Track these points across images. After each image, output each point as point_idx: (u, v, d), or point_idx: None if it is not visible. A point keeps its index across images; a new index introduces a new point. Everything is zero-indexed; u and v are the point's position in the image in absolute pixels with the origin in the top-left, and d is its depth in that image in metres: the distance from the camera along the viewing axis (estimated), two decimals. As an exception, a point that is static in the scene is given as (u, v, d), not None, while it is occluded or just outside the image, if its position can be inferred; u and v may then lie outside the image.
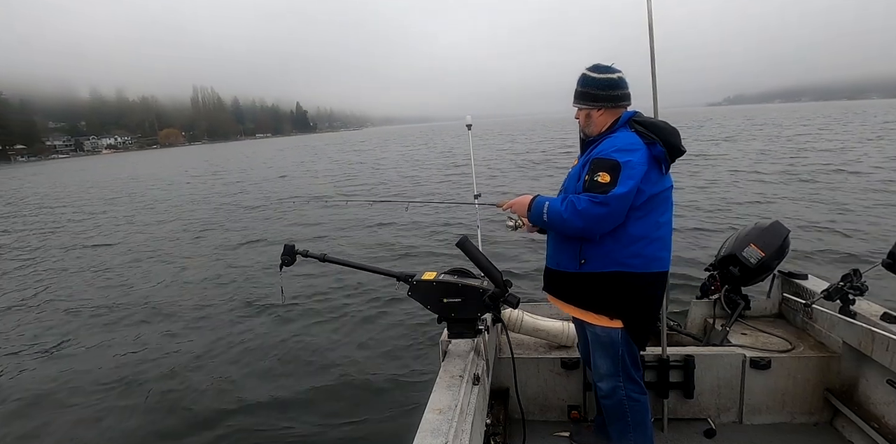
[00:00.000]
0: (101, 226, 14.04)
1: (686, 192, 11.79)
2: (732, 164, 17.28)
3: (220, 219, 13.52)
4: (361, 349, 4.95)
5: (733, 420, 2.45)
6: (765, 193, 11.53)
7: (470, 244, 1.88)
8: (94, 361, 5.15)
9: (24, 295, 7.74)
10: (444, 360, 1.89)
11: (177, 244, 10.68)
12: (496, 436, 2.24)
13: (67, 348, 5.53)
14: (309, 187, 19.45)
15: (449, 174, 20.16)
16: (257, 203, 15.91)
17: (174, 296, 7.07)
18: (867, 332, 2.18)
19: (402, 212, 11.23)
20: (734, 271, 2.73)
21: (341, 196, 16.09)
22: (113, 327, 6.05)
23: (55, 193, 26.81)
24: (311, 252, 2.03)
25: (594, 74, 1.91)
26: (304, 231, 10.97)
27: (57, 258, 10.31)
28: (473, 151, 3.16)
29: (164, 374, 4.73)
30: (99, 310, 6.69)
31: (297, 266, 2.12)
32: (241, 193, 19.26)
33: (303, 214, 13.09)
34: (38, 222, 15.93)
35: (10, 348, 5.61)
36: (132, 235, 12.23)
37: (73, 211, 18.00)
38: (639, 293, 1.90)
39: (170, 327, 5.92)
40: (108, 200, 21.00)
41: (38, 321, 6.50)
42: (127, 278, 8.17)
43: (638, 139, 1.80)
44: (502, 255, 7.48)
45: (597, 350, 2.02)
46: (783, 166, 15.84)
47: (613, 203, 1.72)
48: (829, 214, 9.03)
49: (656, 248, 1.86)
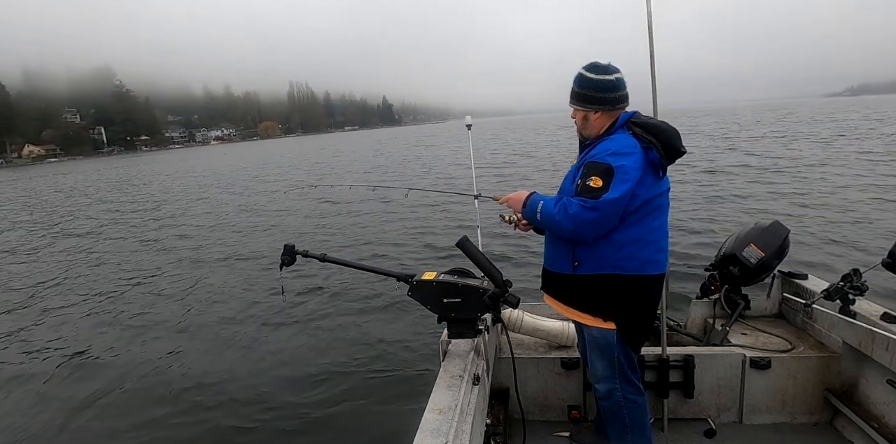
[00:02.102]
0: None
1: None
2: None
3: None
4: (361, 349, 4.96)
5: (733, 420, 2.45)
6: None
7: (470, 244, 1.88)
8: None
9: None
10: (444, 360, 1.89)
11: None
12: (496, 436, 2.24)
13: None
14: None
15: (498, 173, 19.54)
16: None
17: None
18: (867, 332, 2.17)
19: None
20: (734, 270, 2.72)
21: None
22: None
23: (213, 171, 34.04)
24: (311, 252, 2.03)
25: (591, 75, 1.86)
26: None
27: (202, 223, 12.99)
28: (473, 150, 3.15)
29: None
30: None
31: (297, 267, 2.12)
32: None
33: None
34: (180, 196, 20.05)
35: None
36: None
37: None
38: (633, 296, 1.88)
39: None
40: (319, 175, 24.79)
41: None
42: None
43: (635, 142, 1.77)
44: (502, 255, 7.48)
45: (593, 352, 2.02)
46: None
47: (604, 208, 1.70)
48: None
49: (651, 251, 1.84)
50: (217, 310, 6.37)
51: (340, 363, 4.70)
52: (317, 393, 4.22)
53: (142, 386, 4.55)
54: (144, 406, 4.21)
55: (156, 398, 4.32)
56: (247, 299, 6.66)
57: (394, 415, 3.75)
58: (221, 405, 4.14)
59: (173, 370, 4.83)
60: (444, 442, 1.36)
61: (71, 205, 20.46)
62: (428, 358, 4.52)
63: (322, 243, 9.66)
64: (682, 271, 5.95)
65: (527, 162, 22.36)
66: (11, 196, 28.00)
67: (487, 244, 7.16)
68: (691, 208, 10.06)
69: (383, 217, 11.69)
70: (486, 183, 15.36)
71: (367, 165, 28.52)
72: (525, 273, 6.54)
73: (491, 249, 7.56)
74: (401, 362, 4.65)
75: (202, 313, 6.32)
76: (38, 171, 64.77)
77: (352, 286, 6.72)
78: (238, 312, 6.24)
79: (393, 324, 5.46)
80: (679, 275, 5.76)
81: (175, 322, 6.06)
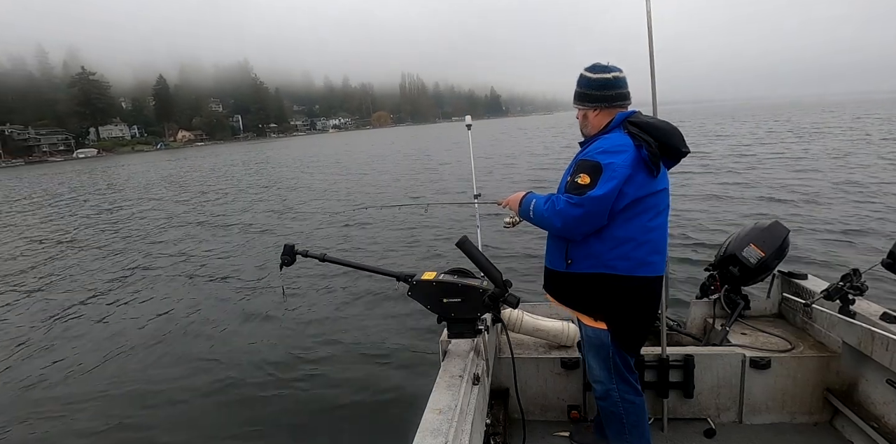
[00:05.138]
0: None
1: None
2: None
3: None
4: (361, 349, 4.96)
5: (733, 420, 2.45)
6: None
7: (470, 244, 1.88)
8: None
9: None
10: (444, 360, 1.88)
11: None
12: (496, 436, 2.24)
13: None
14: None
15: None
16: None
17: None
18: (867, 332, 2.17)
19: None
20: (734, 270, 2.72)
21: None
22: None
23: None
24: (311, 252, 2.03)
25: (590, 74, 1.90)
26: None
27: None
28: (473, 150, 3.17)
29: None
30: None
31: (297, 267, 2.13)
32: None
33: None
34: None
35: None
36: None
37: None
38: (625, 297, 1.87)
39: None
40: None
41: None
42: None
43: (628, 141, 1.77)
44: (502, 255, 7.48)
45: (589, 351, 2.02)
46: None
47: (588, 205, 1.70)
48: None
49: (645, 251, 1.82)
50: (215, 305, 6.37)
51: (340, 363, 4.70)
52: (316, 393, 4.22)
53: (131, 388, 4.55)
54: (138, 403, 4.22)
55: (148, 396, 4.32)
56: (247, 299, 6.66)
57: (394, 415, 3.75)
58: (220, 404, 4.15)
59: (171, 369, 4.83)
60: (444, 442, 1.36)
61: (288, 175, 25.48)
62: (428, 358, 4.53)
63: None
64: (682, 271, 5.95)
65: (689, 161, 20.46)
66: (201, 166, 38.26)
67: (487, 244, 7.19)
68: (692, 208, 10.09)
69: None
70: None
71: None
72: (525, 273, 6.54)
73: (491, 249, 7.57)
74: (401, 362, 4.65)
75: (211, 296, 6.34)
76: (190, 152, 75.09)
77: (351, 286, 6.72)
78: (236, 310, 6.24)
79: (393, 324, 5.46)
80: (679, 275, 5.76)
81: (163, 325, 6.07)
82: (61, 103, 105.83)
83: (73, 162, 75.82)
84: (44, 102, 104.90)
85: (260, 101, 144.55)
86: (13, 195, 26.60)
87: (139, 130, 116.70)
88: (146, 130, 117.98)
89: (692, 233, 8.21)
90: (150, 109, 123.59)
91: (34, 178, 41.59)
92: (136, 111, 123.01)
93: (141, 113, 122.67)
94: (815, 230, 7.97)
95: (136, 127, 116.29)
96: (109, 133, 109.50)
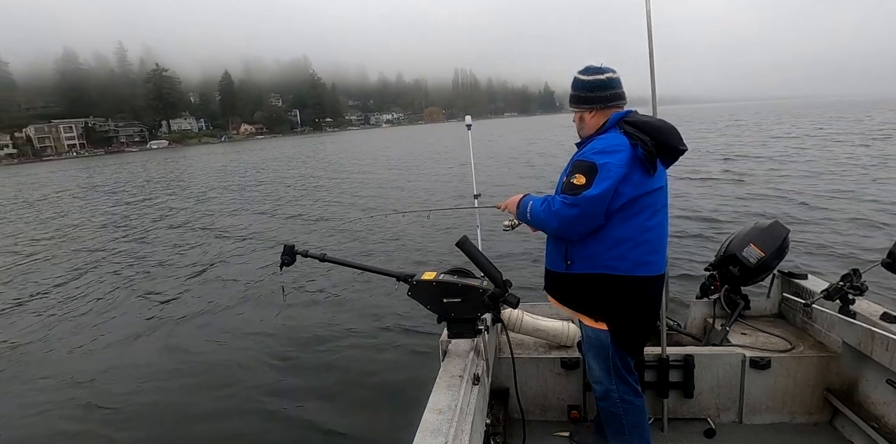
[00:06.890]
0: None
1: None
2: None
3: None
4: (361, 350, 4.95)
5: (733, 420, 2.44)
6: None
7: (470, 244, 1.89)
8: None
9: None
10: (444, 360, 1.89)
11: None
12: (496, 436, 2.24)
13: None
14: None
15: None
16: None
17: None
18: (867, 332, 2.17)
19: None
20: (734, 270, 2.71)
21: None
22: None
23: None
24: (311, 252, 2.03)
25: (583, 77, 1.91)
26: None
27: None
28: (473, 151, 3.15)
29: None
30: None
31: (298, 267, 2.13)
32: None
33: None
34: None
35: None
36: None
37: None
38: (624, 297, 1.87)
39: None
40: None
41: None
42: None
43: (624, 140, 1.78)
44: (502, 255, 7.43)
45: (589, 352, 2.03)
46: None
47: (584, 205, 1.71)
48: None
49: (643, 251, 1.82)
50: (214, 305, 6.39)
51: (340, 363, 4.69)
52: (316, 393, 4.22)
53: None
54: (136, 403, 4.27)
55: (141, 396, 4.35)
56: (245, 299, 6.66)
57: (394, 415, 3.74)
58: (219, 404, 4.15)
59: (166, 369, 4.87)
60: (444, 442, 1.36)
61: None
62: (428, 358, 4.47)
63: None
64: (682, 271, 5.87)
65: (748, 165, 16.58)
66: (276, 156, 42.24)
67: (487, 244, 7.08)
68: (693, 208, 9.94)
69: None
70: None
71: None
72: (525, 273, 6.47)
73: (491, 249, 7.43)
74: (400, 362, 4.63)
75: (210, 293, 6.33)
76: (253, 145, 76.87)
77: (351, 286, 6.70)
78: (236, 309, 6.25)
79: (392, 324, 5.44)
80: (679, 275, 5.70)
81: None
82: (137, 98, 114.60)
83: (147, 152, 78.47)
84: (122, 97, 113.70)
85: (317, 96, 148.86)
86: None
87: (205, 123, 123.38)
88: (212, 123, 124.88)
89: (692, 233, 8.12)
90: (215, 103, 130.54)
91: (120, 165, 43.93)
92: (203, 105, 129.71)
93: (207, 107, 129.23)
94: (814, 230, 7.84)
95: (202, 120, 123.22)
96: (179, 126, 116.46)
